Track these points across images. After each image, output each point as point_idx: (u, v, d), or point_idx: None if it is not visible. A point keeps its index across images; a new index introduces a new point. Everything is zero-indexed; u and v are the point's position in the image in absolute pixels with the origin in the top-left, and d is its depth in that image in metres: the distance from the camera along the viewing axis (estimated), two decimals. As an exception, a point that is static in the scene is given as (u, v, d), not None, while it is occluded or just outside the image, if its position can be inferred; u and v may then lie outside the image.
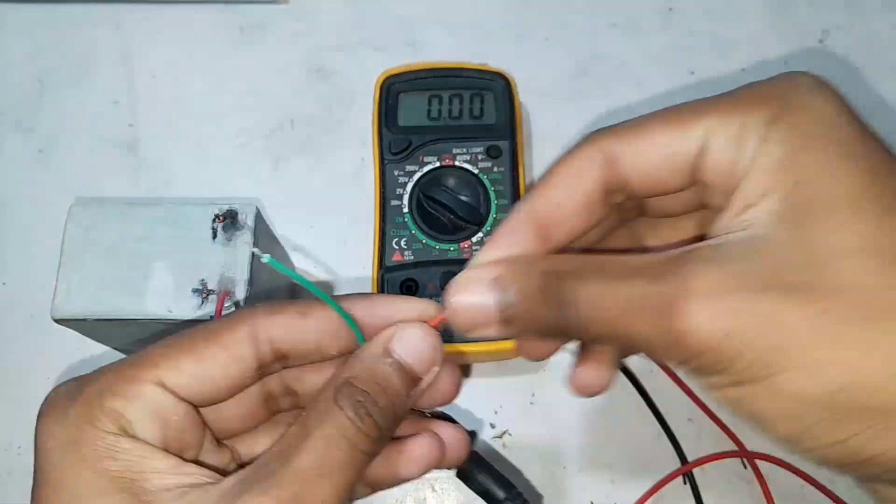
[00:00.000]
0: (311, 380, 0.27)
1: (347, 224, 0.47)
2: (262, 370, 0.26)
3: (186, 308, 0.35)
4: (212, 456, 0.26)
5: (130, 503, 0.22)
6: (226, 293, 0.35)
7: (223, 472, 0.24)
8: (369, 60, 0.51)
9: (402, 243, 0.43)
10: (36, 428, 0.24)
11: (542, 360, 0.29)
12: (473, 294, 0.24)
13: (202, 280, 0.35)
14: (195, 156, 0.49)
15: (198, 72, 0.51)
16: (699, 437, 0.43)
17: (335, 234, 0.47)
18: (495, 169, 0.45)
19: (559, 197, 0.24)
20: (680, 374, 0.43)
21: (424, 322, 0.26)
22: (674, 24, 0.53)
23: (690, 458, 0.42)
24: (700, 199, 0.25)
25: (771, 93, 0.23)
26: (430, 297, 0.41)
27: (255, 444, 0.28)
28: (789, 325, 0.20)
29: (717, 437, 0.43)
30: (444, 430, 0.28)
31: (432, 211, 0.43)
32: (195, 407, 0.25)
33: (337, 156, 0.49)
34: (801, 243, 0.21)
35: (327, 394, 0.24)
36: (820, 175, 0.21)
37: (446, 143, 0.45)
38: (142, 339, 0.39)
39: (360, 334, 0.26)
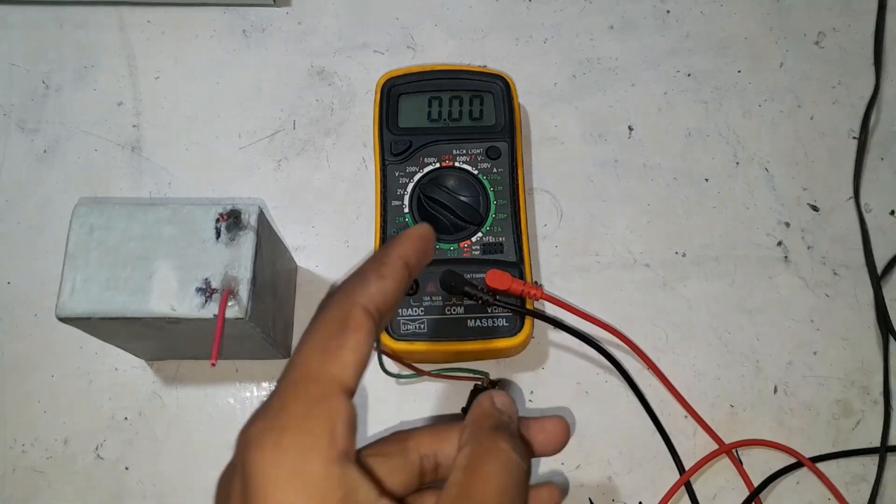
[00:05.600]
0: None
1: (348, 224, 0.48)
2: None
3: (190, 307, 0.35)
4: None
5: None
6: (229, 292, 0.35)
7: None
8: (370, 62, 0.52)
9: (403, 243, 0.44)
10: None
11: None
12: None
13: (206, 279, 0.36)
14: (198, 156, 0.50)
15: (201, 73, 0.52)
16: (695, 434, 0.44)
17: (336, 233, 0.48)
18: (495, 170, 0.45)
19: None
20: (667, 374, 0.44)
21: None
22: (670, 25, 0.53)
23: (683, 454, 0.43)
24: None
25: None
26: (429, 297, 0.42)
27: None
28: None
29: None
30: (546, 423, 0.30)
31: (432, 211, 0.44)
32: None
33: (338, 157, 0.50)
34: None
35: (479, 436, 0.26)
36: None
37: (446, 144, 0.45)
38: (145, 338, 0.40)
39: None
